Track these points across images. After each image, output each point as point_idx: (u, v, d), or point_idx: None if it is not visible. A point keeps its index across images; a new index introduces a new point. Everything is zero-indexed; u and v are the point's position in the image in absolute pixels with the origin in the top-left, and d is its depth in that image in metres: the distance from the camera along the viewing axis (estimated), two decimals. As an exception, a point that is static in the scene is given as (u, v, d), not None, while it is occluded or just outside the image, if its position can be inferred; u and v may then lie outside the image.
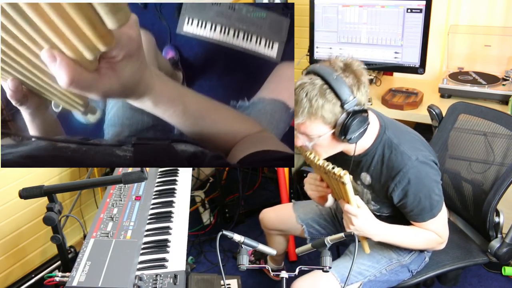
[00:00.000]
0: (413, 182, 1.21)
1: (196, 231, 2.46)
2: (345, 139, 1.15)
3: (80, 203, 2.25)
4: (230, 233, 1.13)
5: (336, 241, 1.17)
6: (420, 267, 1.49)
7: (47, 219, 1.21)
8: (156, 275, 1.24)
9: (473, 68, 2.23)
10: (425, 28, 2.00)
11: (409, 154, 1.21)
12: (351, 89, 1.11)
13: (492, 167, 1.51)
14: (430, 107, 1.70)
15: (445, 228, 1.35)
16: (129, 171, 1.27)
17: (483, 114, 1.57)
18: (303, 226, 1.69)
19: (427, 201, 1.25)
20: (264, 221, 1.83)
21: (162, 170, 1.79)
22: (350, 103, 1.10)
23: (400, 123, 1.36)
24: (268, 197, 2.73)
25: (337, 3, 2.17)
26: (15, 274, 2.00)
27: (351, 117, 1.12)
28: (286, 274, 1.15)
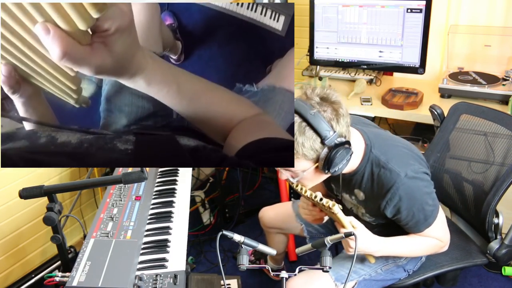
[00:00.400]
0: (405, 199, 1.21)
1: (196, 231, 2.46)
2: (328, 172, 1.15)
3: (80, 203, 2.25)
4: (230, 233, 1.13)
5: (336, 241, 1.17)
6: (416, 267, 1.49)
7: (47, 219, 1.21)
8: (156, 275, 1.24)
9: (473, 68, 2.23)
10: (425, 28, 2.00)
11: (398, 170, 1.20)
12: (330, 123, 1.10)
13: (492, 168, 1.51)
14: (432, 107, 1.70)
15: (444, 232, 1.35)
16: (129, 171, 1.27)
17: (484, 114, 1.57)
18: (302, 225, 1.69)
19: (421, 213, 1.25)
20: (263, 220, 1.83)
21: (162, 170, 1.79)
22: (330, 138, 1.10)
23: (387, 136, 1.34)
24: (268, 197, 2.73)
25: (337, 3, 2.16)
26: (15, 274, 2.00)
27: (333, 151, 1.11)
28: (286, 274, 1.15)
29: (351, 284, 1.42)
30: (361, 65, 2.27)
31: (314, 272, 1.39)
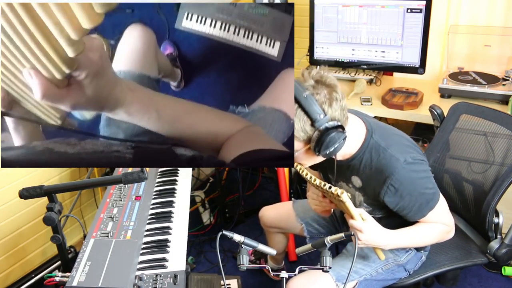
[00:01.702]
0: (406, 183, 1.22)
1: (196, 231, 2.46)
2: (320, 154, 1.16)
3: (80, 203, 2.25)
4: (230, 233, 1.13)
5: (336, 241, 1.17)
6: (417, 266, 1.49)
7: (47, 219, 1.21)
8: (156, 275, 1.25)
9: (473, 68, 2.23)
10: (425, 28, 2.00)
11: (397, 156, 1.21)
12: (321, 107, 1.11)
13: (492, 168, 1.51)
14: (432, 107, 1.70)
15: (448, 216, 1.35)
16: (129, 171, 1.27)
17: (484, 114, 1.57)
18: (302, 225, 1.69)
19: (423, 197, 1.25)
20: (264, 219, 1.83)
21: (162, 170, 1.79)
22: (320, 121, 1.11)
23: (386, 125, 1.36)
24: (268, 197, 2.73)
25: (337, 3, 2.17)
26: (15, 274, 2.00)
27: (323, 134, 1.12)
28: (286, 274, 1.15)
29: (352, 284, 1.42)
30: (361, 65, 2.27)
31: (314, 272, 1.39)
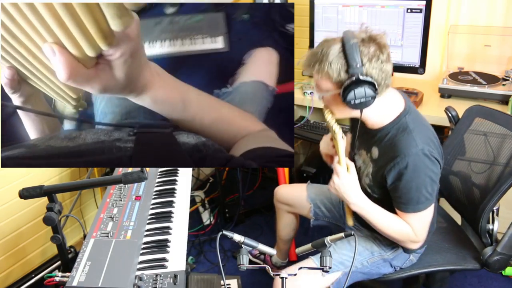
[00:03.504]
0: (410, 169, 1.23)
1: (196, 231, 2.46)
2: (345, 102, 1.20)
3: (80, 203, 2.25)
4: (230, 233, 1.13)
5: (336, 241, 1.17)
6: (405, 265, 1.50)
7: (47, 219, 1.21)
8: (156, 275, 1.24)
9: (473, 68, 2.23)
10: (425, 28, 1.99)
11: (417, 142, 1.23)
12: (362, 58, 1.15)
13: (494, 173, 1.48)
14: (447, 109, 1.67)
15: (424, 229, 1.34)
16: (129, 171, 1.27)
17: (495, 118, 1.54)
18: (311, 205, 1.74)
19: (416, 193, 1.26)
20: (278, 195, 1.88)
21: (162, 170, 1.79)
22: (355, 70, 1.15)
23: (422, 116, 1.36)
24: (268, 197, 2.72)
25: (337, 3, 2.17)
26: (15, 274, 2.00)
27: (353, 83, 1.16)
28: (286, 274, 1.15)
29: (337, 274, 1.45)
30: (361, 65, 2.27)
31: (304, 261, 1.43)
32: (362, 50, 1.16)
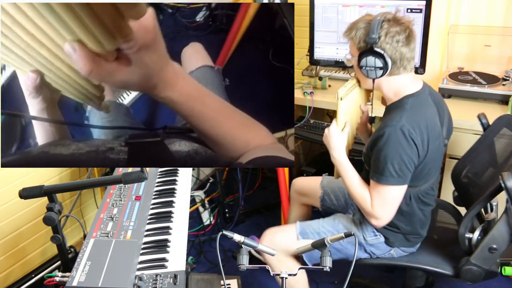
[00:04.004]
0: (384, 139, 1.32)
1: (196, 231, 2.46)
2: (359, 67, 1.37)
3: (80, 203, 2.25)
4: (230, 233, 1.13)
5: (336, 241, 1.17)
6: (383, 255, 1.55)
7: (47, 219, 1.21)
8: (156, 275, 1.25)
9: (473, 68, 2.23)
10: (425, 28, 1.99)
11: (402, 119, 1.31)
12: (379, 32, 1.30)
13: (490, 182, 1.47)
14: (479, 116, 1.64)
15: (381, 206, 1.37)
16: (129, 171, 1.27)
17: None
18: (321, 191, 1.82)
19: (382, 164, 1.32)
20: (295, 186, 1.95)
21: (162, 170, 1.79)
22: (370, 40, 1.31)
23: (431, 106, 1.41)
24: (268, 197, 2.73)
25: (337, 3, 2.17)
26: (15, 274, 2.00)
27: (367, 51, 1.33)
28: (286, 274, 1.15)
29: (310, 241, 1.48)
30: (361, 65, 2.27)
31: (285, 226, 1.61)
32: (383, 25, 1.31)
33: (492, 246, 1.33)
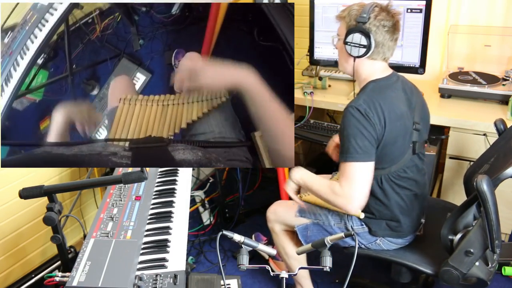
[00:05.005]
0: (343, 118, 1.41)
1: (196, 231, 2.46)
2: (344, 44, 1.44)
3: (80, 203, 2.25)
4: (230, 233, 1.13)
5: (336, 241, 1.17)
6: (370, 245, 1.58)
7: (47, 219, 1.21)
8: (156, 275, 1.25)
9: (473, 68, 2.23)
10: (425, 28, 1.99)
11: (359, 99, 1.40)
12: (369, 14, 1.39)
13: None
14: (495, 122, 1.61)
15: (349, 185, 1.38)
16: (129, 171, 1.27)
17: None
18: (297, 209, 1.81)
19: (347, 142, 1.39)
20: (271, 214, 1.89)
21: (162, 170, 1.79)
22: (361, 18, 1.40)
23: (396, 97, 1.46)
24: (268, 197, 2.72)
25: (337, 3, 2.17)
26: (15, 274, 2.00)
27: (355, 29, 1.41)
28: (286, 274, 1.15)
29: (305, 221, 1.65)
30: (361, 65, 2.26)
31: (289, 202, 1.71)
32: (375, 9, 1.40)
33: (469, 250, 1.33)
